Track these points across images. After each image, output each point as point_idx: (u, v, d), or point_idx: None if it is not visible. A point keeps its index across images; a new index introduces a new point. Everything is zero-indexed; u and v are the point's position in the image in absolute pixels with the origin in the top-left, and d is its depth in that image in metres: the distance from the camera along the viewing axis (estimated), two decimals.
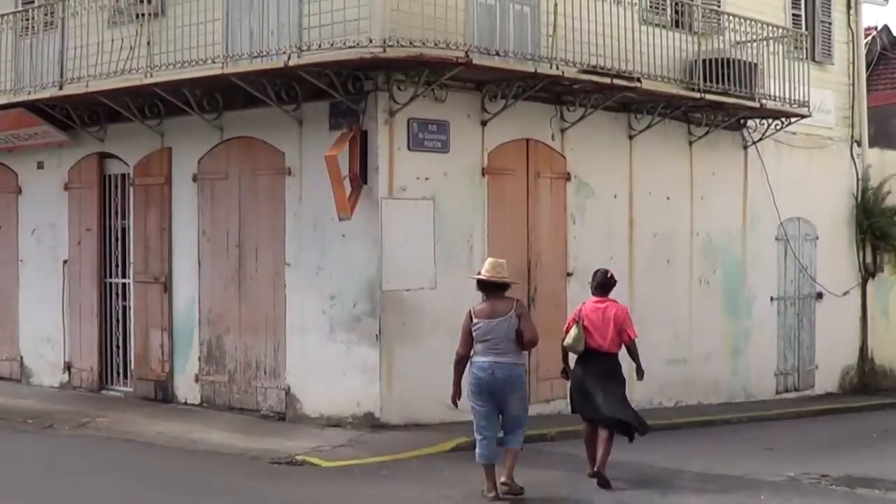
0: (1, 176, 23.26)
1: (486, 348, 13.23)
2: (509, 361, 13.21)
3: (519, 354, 13.40)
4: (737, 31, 21.48)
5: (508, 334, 13.19)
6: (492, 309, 13.32)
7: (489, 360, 13.18)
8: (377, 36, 16.23)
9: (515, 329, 13.19)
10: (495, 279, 13.47)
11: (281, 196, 18.37)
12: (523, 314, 13.36)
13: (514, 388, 13.30)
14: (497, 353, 13.17)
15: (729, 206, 23.03)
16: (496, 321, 13.21)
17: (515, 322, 13.19)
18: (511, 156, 18.97)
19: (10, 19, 21.35)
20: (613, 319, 14.19)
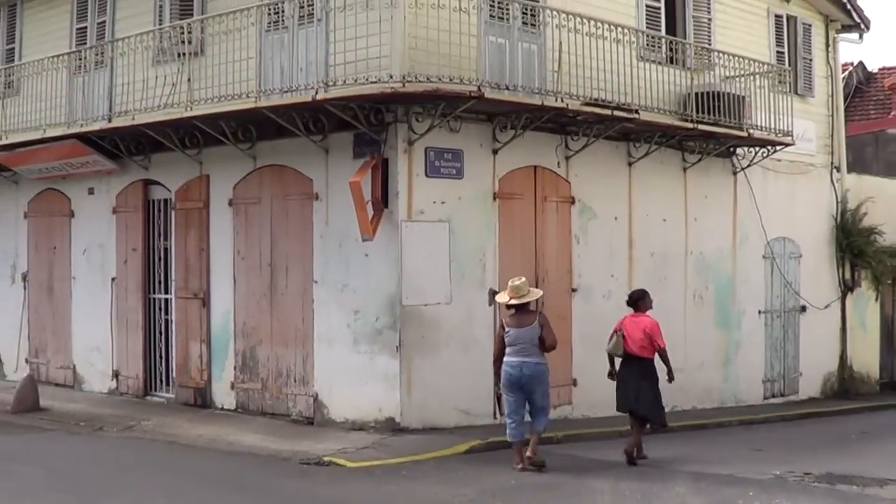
0: (56, 201, 23.17)
1: (516, 351, 14.83)
2: (534, 361, 14.83)
3: (542, 355, 14.93)
4: (726, 67, 21.32)
5: (532, 340, 14.80)
6: (519, 320, 14.97)
7: (518, 360, 14.79)
8: (397, 72, 16.11)
9: (538, 336, 14.81)
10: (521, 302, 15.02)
11: (309, 219, 18.23)
12: (545, 324, 14.98)
13: (538, 381, 14.94)
14: (524, 355, 14.79)
15: (720, 227, 22.83)
16: (523, 329, 14.85)
17: (538, 330, 14.84)
18: (520, 181, 18.79)
19: (65, 59, 21.28)
20: (645, 330, 15.73)
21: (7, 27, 24.63)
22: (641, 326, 15.82)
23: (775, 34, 24.66)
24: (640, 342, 15.76)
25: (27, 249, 23.95)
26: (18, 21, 24.36)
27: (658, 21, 21.27)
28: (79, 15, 22.53)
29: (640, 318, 15.98)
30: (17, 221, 24.22)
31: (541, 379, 14.95)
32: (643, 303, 16.24)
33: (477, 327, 18.00)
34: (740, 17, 23.52)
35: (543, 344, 14.88)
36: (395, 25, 16.26)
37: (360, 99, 16.50)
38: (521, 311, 15.03)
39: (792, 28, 25.29)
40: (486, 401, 17.91)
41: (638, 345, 15.77)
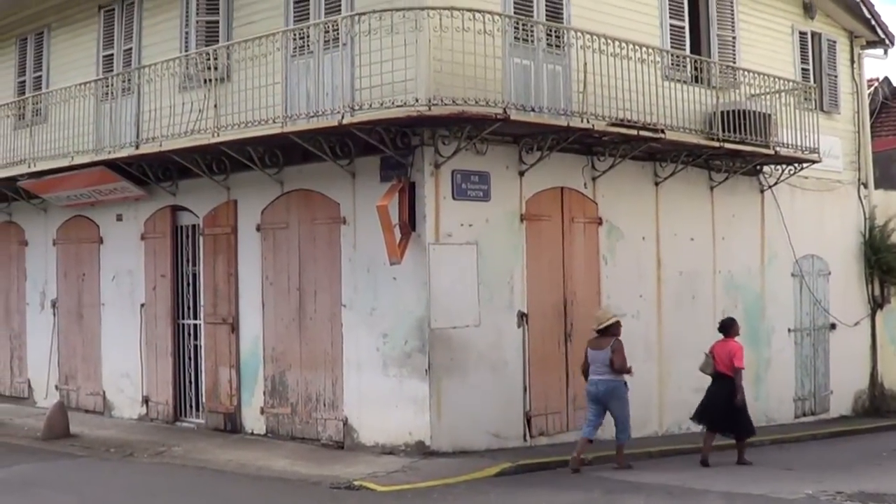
0: (85, 228, 23.23)
1: (593, 370, 16.85)
2: (606, 379, 16.70)
3: (614, 374, 16.68)
4: (751, 85, 21.26)
5: (605, 361, 16.67)
6: (597, 343, 16.89)
7: (594, 378, 16.81)
8: (423, 95, 16.13)
9: (609, 358, 16.61)
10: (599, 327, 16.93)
11: (337, 243, 18.19)
12: (616, 348, 16.72)
13: (613, 396, 16.76)
14: (598, 374, 16.76)
15: (748, 245, 22.75)
16: (598, 352, 16.79)
17: (609, 353, 16.63)
18: (547, 203, 18.74)
19: (92, 86, 21.36)
20: (729, 352, 17.70)
21: (35, 55, 24.77)
22: (728, 349, 17.83)
23: (800, 51, 24.62)
24: (726, 362, 17.73)
25: (56, 276, 24.01)
26: (46, 49, 24.50)
27: (682, 40, 21.22)
28: (105, 42, 22.64)
29: (728, 342, 17.98)
30: (46, 248, 24.29)
31: (613, 394, 16.75)
32: (731, 329, 18.21)
33: (506, 349, 17.95)
34: (765, 34, 23.48)
35: (613, 365, 16.61)
36: (421, 49, 16.28)
37: (387, 122, 16.49)
38: (601, 334, 16.88)
39: (816, 45, 25.26)
40: (516, 423, 17.94)
41: (724, 365, 17.74)
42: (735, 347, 17.90)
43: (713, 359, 17.96)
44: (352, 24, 16.76)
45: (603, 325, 16.92)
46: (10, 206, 25.20)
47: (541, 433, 18.39)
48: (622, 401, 16.87)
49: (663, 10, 20.95)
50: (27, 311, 24.91)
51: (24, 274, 25.08)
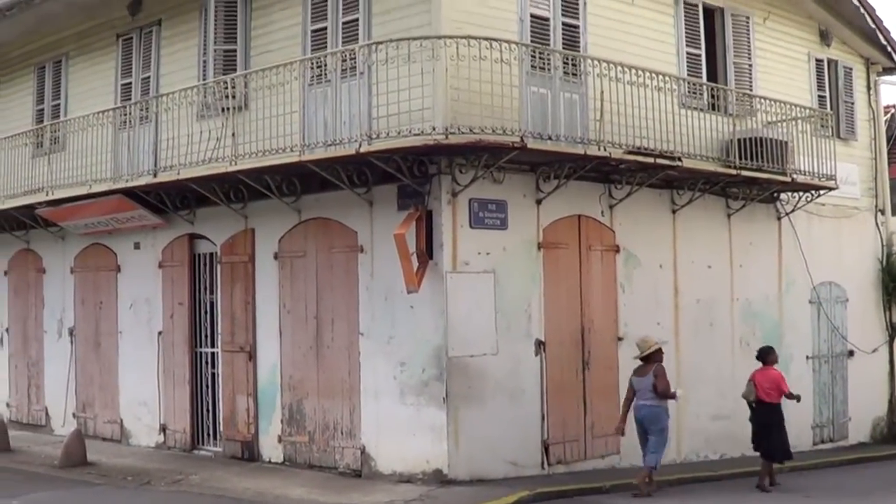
0: (102, 256, 23.28)
1: (638, 396, 17.36)
2: (649, 404, 17.23)
3: (658, 400, 17.22)
4: (768, 113, 21.23)
5: (648, 387, 17.18)
6: (641, 371, 17.38)
7: (639, 403, 17.32)
8: (440, 124, 16.15)
9: (652, 384, 17.10)
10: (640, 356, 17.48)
11: (354, 271, 18.20)
12: (659, 374, 17.24)
13: (652, 421, 17.27)
14: (643, 399, 17.27)
15: (765, 272, 22.72)
16: (642, 378, 17.30)
17: (652, 380, 17.11)
18: (564, 231, 18.74)
19: (110, 115, 21.45)
20: (771, 380, 18.49)
21: (53, 83, 24.89)
22: (769, 377, 18.58)
23: (816, 78, 24.63)
24: (767, 389, 18.46)
25: (74, 304, 24.06)
26: (64, 77, 24.61)
27: (699, 68, 21.24)
28: (123, 71, 22.74)
29: (768, 370, 18.70)
30: (63, 276, 24.35)
31: (654, 419, 17.28)
32: (770, 357, 18.89)
33: (523, 378, 17.92)
34: (781, 62, 23.49)
35: (656, 390, 17.16)
36: (438, 78, 16.31)
37: (404, 151, 16.51)
38: (645, 361, 17.38)
39: (833, 72, 25.26)
40: (534, 452, 17.90)
41: (765, 392, 18.46)
42: (777, 375, 18.68)
43: (755, 386, 18.57)
44: (369, 53, 16.81)
45: (645, 353, 17.36)
46: (28, 233, 25.26)
47: (559, 461, 18.35)
48: (661, 427, 17.32)
49: (680, 39, 20.99)
50: (45, 339, 24.96)
51: (41, 301, 25.15)
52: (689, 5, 21.25)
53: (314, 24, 18.76)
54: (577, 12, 18.95)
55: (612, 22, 19.49)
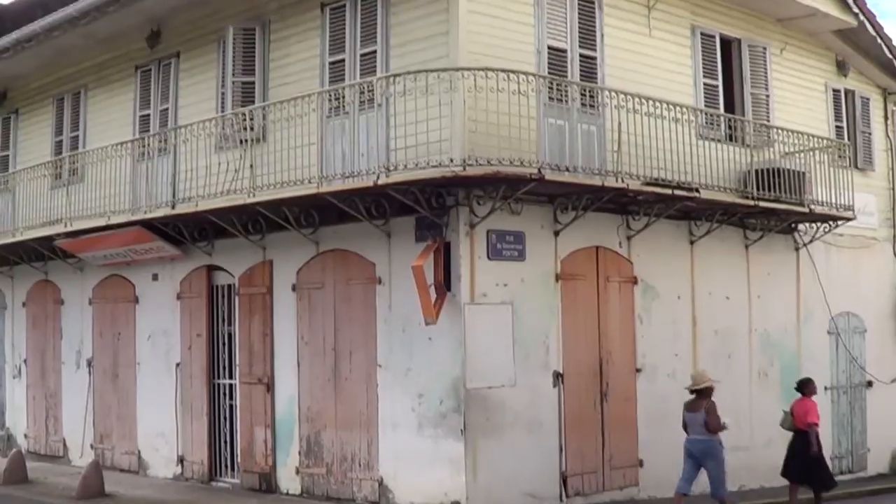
0: (121, 287, 23.33)
1: (689, 430, 17.57)
2: (701, 438, 17.37)
3: (709, 434, 17.32)
4: (785, 143, 21.19)
5: (699, 422, 17.34)
6: (693, 405, 17.58)
7: (689, 437, 17.55)
8: (458, 156, 16.15)
9: (704, 419, 17.26)
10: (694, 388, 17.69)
11: (372, 303, 18.18)
12: (709, 410, 17.34)
13: (707, 455, 17.40)
14: (694, 433, 17.47)
15: (784, 303, 22.63)
16: (693, 413, 17.48)
17: (703, 415, 17.28)
18: (582, 262, 18.71)
19: (129, 146, 21.51)
20: (806, 410, 19.04)
21: (72, 115, 25.01)
22: (804, 407, 19.15)
23: (834, 108, 24.61)
24: (803, 419, 19.07)
25: (92, 335, 24.11)
26: (83, 109, 24.73)
27: (716, 99, 21.24)
28: (142, 103, 22.85)
29: (804, 400, 19.27)
30: (82, 308, 24.41)
31: (708, 453, 17.38)
32: (807, 388, 19.51)
33: (541, 409, 17.85)
34: (798, 92, 23.48)
35: (708, 426, 17.28)
36: (455, 109, 16.33)
37: (422, 183, 16.50)
38: (697, 396, 17.56)
39: (850, 102, 25.25)
40: (552, 483, 17.82)
41: (802, 421, 19.07)
42: (810, 405, 19.18)
43: (792, 416, 19.29)
44: (387, 85, 16.83)
45: (698, 388, 17.61)
46: (46, 265, 25.34)
47: (577, 493, 18.25)
48: (717, 460, 17.44)
49: (697, 70, 21.00)
50: (63, 370, 25.01)
51: (59, 333, 25.21)
52: (706, 36, 21.26)
53: (332, 55, 18.83)
54: (594, 44, 18.98)
55: (629, 53, 19.51)
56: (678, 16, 20.78)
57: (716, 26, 21.56)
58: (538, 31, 18.17)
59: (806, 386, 19.54)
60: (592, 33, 18.97)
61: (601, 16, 19.17)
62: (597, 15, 19.10)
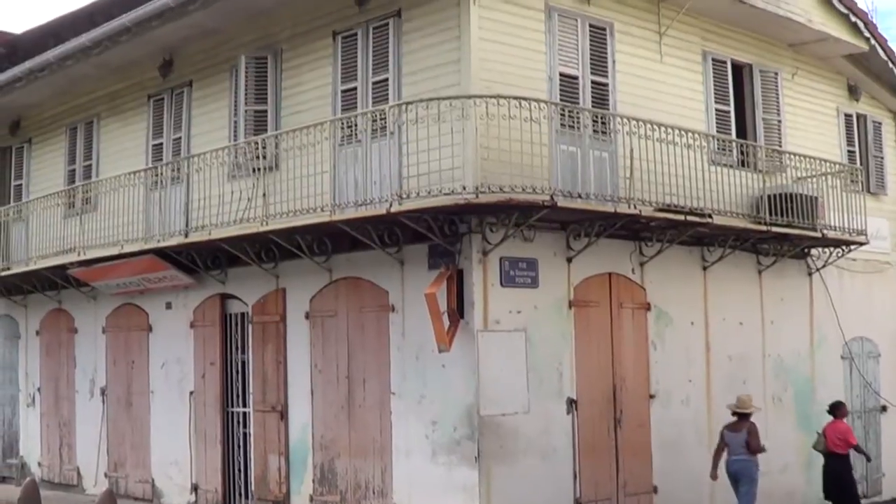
0: (134, 316, 23.37)
1: (730, 451, 18.47)
2: (741, 458, 18.37)
3: (749, 454, 18.35)
4: (798, 168, 21.17)
5: (741, 442, 18.31)
6: (734, 427, 18.51)
7: (730, 458, 18.48)
8: (470, 183, 16.17)
9: (745, 440, 18.26)
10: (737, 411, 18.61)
11: (386, 331, 18.18)
12: (751, 431, 18.38)
13: (743, 474, 18.39)
14: (735, 454, 18.41)
15: (797, 328, 22.60)
16: (736, 434, 18.44)
17: (745, 436, 18.30)
18: (595, 289, 18.69)
19: (142, 175, 21.58)
20: (840, 432, 19.86)
21: (84, 144, 25.11)
22: (837, 429, 19.91)
23: (846, 133, 24.61)
24: (836, 441, 19.81)
25: (105, 364, 24.16)
26: (95, 138, 24.82)
27: (728, 125, 21.26)
28: (155, 131, 22.93)
29: (837, 423, 20.03)
30: (95, 336, 24.46)
31: (745, 472, 18.35)
32: (839, 411, 20.27)
33: (555, 436, 17.82)
34: (810, 117, 23.50)
35: (749, 447, 18.26)
36: (467, 137, 16.34)
37: (434, 211, 16.52)
38: (739, 418, 18.47)
39: (862, 126, 25.26)
40: None
41: (835, 443, 19.82)
42: (845, 428, 20.06)
43: (825, 438, 19.96)
44: (399, 113, 16.89)
45: (744, 412, 18.47)
46: (59, 293, 25.43)
47: None
48: (752, 480, 18.36)
49: (708, 95, 21.03)
50: (76, 399, 25.06)
51: (73, 361, 25.26)
52: (717, 62, 21.30)
53: (344, 84, 18.88)
54: (605, 70, 19.02)
55: (640, 80, 19.55)
56: (689, 42, 20.82)
57: (727, 52, 21.60)
58: (550, 58, 18.22)
59: (838, 409, 20.21)
60: (604, 60, 19.01)
61: (613, 42, 19.22)
62: (608, 42, 19.14)
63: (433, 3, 17.69)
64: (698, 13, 20.72)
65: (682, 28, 20.50)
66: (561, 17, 18.44)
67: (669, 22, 20.18)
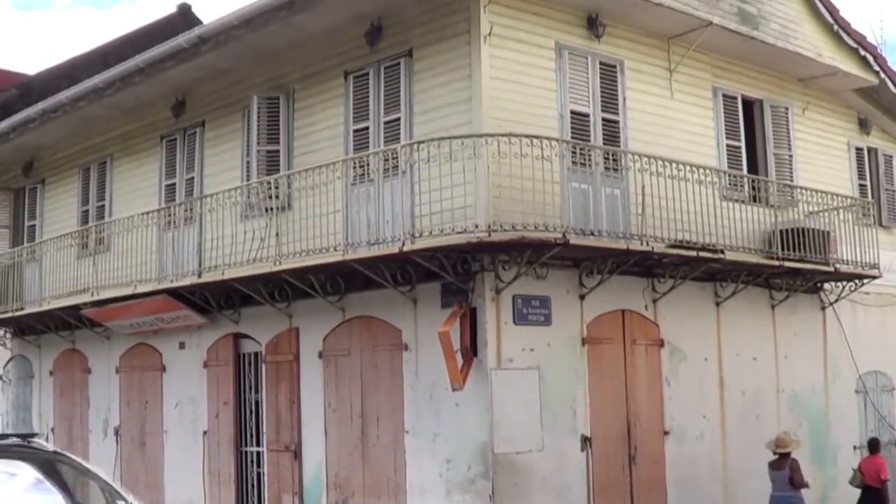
0: (148, 356, 23.39)
1: (774, 487, 18.72)
2: (788, 494, 18.58)
3: (793, 490, 18.55)
4: (809, 203, 21.22)
5: (784, 479, 18.55)
6: (777, 465, 18.71)
7: (775, 494, 18.71)
8: (482, 221, 16.18)
9: (789, 476, 18.47)
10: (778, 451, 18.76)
11: (399, 369, 18.15)
12: (794, 467, 18.56)
13: None
14: (779, 490, 18.64)
15: (811, 363, 22.55)
16: (779, 472, 18.64)
17: (788, 473, 18.50)
18: (608, 326, 18.67)
19: (155, 216, 21.65)
20: (876, 467, 20.24)
21: (97, 184, 25.20)
22: (873, 464, 20.37)
23: (857, 167, 24.66)
24: (873, 476, 20.23)
25: (119, 404, 24.16)
26: (108, 178, 24.92)
27: (739, 160, 21.30)
28: (167, 172, 23.03)
29: (874, 458, 20.50)
30: (109, 376, 24.48)
31: None
32: (878, 446, 20.86)
33: (569, 474, 17.75)
34: (821, 151, 23.55)
35: (792, 482, 18.49)
36: (479, 175, 16.39)
37: (447, 249, 16.52)
38: (782, 456, 18.65)
39: (873, 160, 25.32)
40: None
41: (872, 478, 20.23)
42: (881, 462, 20.41)
43: (861, 474, 20.41)
44: (411, 152, 16.92)
45: (785, 451, 18.64)
46: (73, 333, 25.46)
47: None
48: None
49: (719, 131, 21.08)
50: (90, 439, 25.06)
51: (87, 401, 25.28)
52: (728, 98, 21.35)
53: (356, 123, 18.96)
54: (616, 108, 19.07)
55: (651, 116, 19.61)
56: (700, 78, 20.89)
57: (737, 87, 21.68)
58: (560, 96, 18.27)
59: (878, 444, 20.82)
60: (615, 97, 19.07)
61: (623, 80, 19.28)
62: (619, 79, 19.21)
63: (444, 43, 17.77)
64: (708, 49, 20.79)
65: (692, 64, 20.57)
66: (571, 55, 18.51)
67: (679, 58, 20.25)
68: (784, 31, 21.73)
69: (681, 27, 19.91)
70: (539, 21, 18.20)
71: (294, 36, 19.62)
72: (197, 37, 20.41)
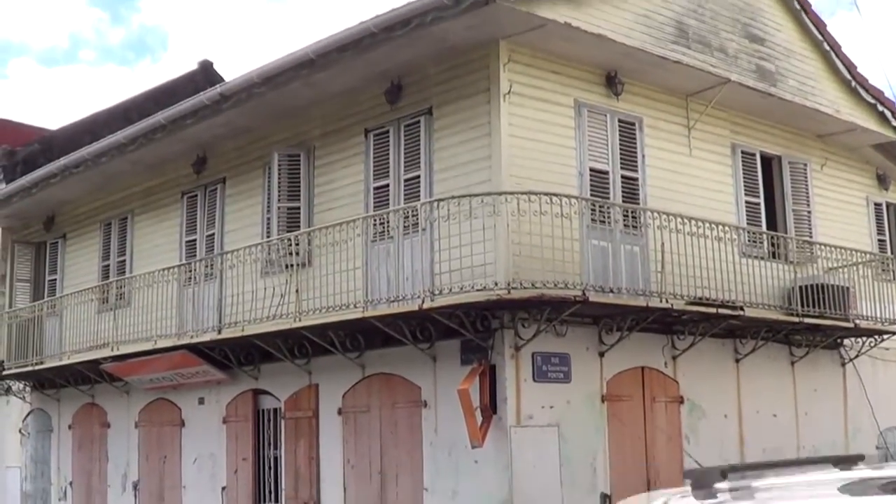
0: (167, 411, 23.38)
1: None
2: None
3: None
4: (828, 259, 21.19)
5: None
6: None
7: None
8: (502, 279, 16.21)
9: None
10: None
11: (418, 427, 18.10)
12: None
13: None
14: None
15: (831, 419, 22.40)
16: None
17: None
18: (628, 383, 18.62)
19: (175, 271, 21.72)
20: None
21: (118, 240, 25.31)
22: None
23: (875, 222, 24.61)
24: None
25: (138, 458, 24.13)
26: (129, 234, 25.03)
27: (758, 217, 21.31)
28: (188, 228, 23.12)
29: None
30: (128, 431, 24.46)
31: None
32: None
33: None
34: (840, 207, 23.54)
35: None
36: (499, 233, 16.44)
37: (467, 307, 16.54)
38: None
39: (892, 215, 25.32)
40: None
41: None
42: None
43: None
44: (431, 209, 16.97)
45: None
46: (93, 388, 25.49)
47: None
48: None
49: (738, 188, 21.10)
50: (108, 493, 25.00)
51: (105, 456, 25.25)
52: (746, 154, 21.38)
53: (376, 181, 19.03)
54: (635, 165, 19.11)
55: (670, 173, 19.65)
56: (718, 135, 20.94)
57: (756, 144, 21.72)
58: (580, 153, 18.34)
59: None
60: (634, 155, 19.12)
61: (642, 137, 19.34)
62: (638, 137, 19.27)
63: (464, 101, 17.86)
64: (727, 106, 20.86)
65: (710, 121, 20.63)
66: (590, 112, 18.58)
67: (698, 116, 20.32)
68: (802, 88, 21.79)
69: (699, 84, 20.00)
70: (558, 79, 18.30)
71: (315, 94, 19.77)
72: (219, 94, 20.58)
